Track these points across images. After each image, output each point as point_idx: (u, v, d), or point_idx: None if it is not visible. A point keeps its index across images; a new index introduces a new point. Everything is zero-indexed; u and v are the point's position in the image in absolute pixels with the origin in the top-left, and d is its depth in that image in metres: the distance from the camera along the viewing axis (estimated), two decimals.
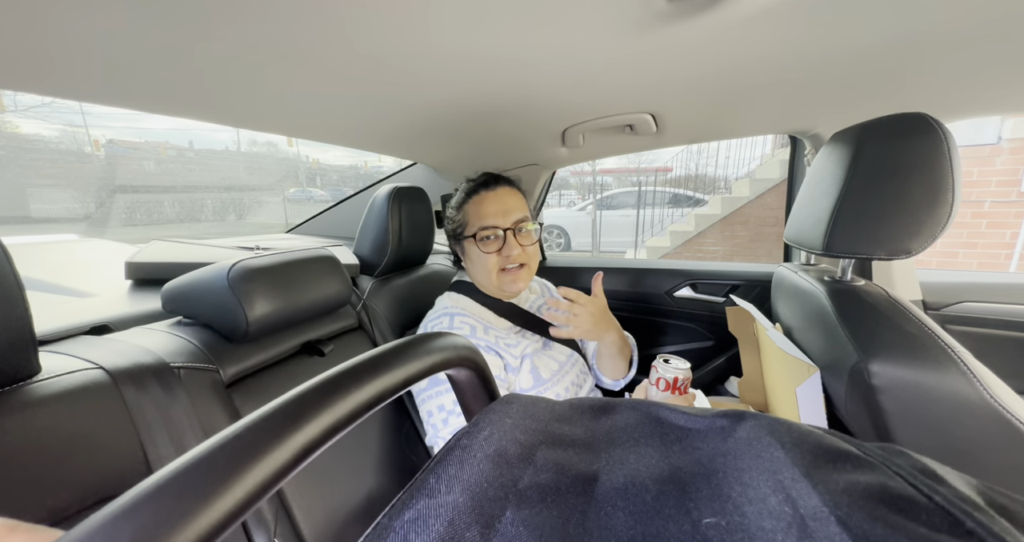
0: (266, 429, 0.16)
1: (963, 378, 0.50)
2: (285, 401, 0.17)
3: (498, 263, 0.77)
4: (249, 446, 0.15)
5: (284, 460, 0.15)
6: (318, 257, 0.70)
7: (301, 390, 0.19)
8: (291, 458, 0.16)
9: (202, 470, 0.14)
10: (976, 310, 1.00)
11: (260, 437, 0.15)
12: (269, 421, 0.16)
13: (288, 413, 0.17)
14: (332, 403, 0.18)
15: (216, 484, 0.13)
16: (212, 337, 0.57)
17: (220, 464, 0.14)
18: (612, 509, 0.18)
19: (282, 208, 9.93)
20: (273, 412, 0.17)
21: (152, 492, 0.13)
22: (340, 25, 0.45)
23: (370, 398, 0.20)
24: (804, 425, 0.22)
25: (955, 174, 0.52)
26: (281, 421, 0.16)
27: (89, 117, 9.06)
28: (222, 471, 0.14)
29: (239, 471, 0.14)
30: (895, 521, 0.14)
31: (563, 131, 0.99)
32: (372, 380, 0.22)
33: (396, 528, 0.15)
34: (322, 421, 0.17)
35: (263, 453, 0.15)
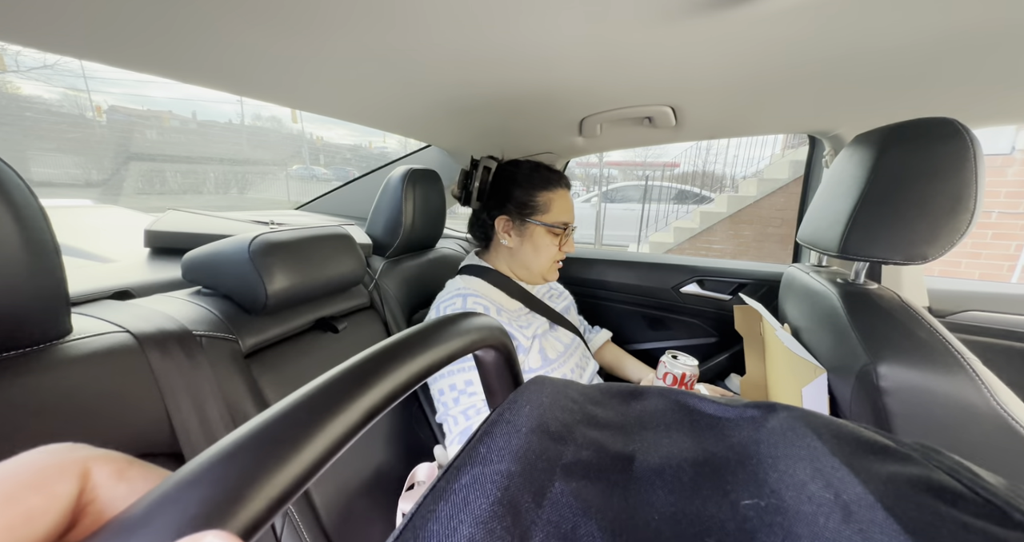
0: (339, 390, 0.17)
1: (971, 384, 0.51)
2: (350, 367, 0.18)
3: (556, 256, 0.84)
4: (325, 405, 0.16)
5: (352, 422, 0.16)
6: (335, 234, 0.70)
7: (363, 357, 0.19)
8: (359, 420, 0.16)
9: (285, 426, 0.15)
10: (981, 319, 1.01)
11: (334, 397, 0.16)
12: (343, 382, 0.17)
13: (355, 378, 0.18)
14: (392, 370, 0.19)
15: (300, 439, 0.14)
16: (231, 308, 0.57)
17: (303, 420, 0.15)
18: (651, 487, 0.19)
19: (285, 184, 9.86)
20: (343, 375, 0.18)
21: (252, 438, 0.14)
22: (368, 5, 0.45)
23: (421, 369, 0.21)
24: (838, 419, 0.22)
25: (979, 182, 0.52)
26: (352, 383, 0.17)
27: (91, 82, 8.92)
28: (304, 427, 0.15)
29: (318, 429, 0.15)
30: (944, 511, 0.15)
31: (581, 120, 0.98)
32: (423, 352, 0.23)
33: (456, 490, 0.16)
34: (383, 387, 0.18)
35: (336, 413, 0.16)
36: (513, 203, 0.82)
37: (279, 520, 0.48)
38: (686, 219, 5.53)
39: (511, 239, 0.83)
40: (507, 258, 0.86)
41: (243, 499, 0.11)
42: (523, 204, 0.81)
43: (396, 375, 0.20)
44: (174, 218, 0.86)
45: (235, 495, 0.11)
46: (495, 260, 0.87)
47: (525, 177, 0.83)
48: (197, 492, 0.11)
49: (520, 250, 0.83)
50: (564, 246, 0.84)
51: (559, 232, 0.82)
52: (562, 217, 0.82)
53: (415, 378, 0.22)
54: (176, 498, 0.11)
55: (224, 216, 0.94)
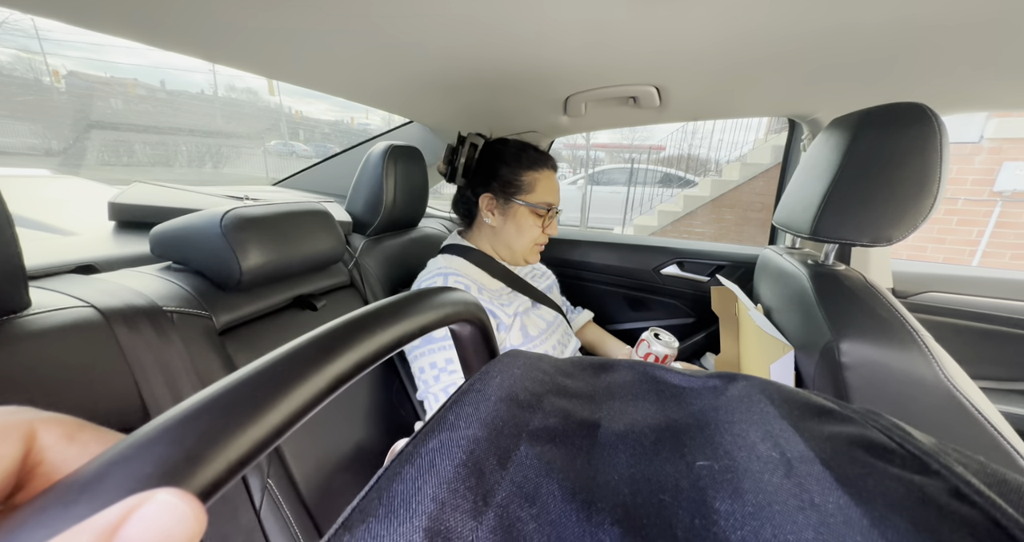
0: (306, 356, 0.17)
1: (923, 359, 0.54)
2: (319, 335, 0.18)
3: (539, 238, 0.84)
4: (291, 370, 0.16)
5: (319, 388, 0.16)
6: (313, 211, 0.69)
7: (332, 326, 0.19)
8: (324, 387, 0.17)
9: (249, 389, 0.15)
10: (940, 300, 1.06)
11: (300, 363, 0.16)
12: (309, 349, 0.17)
13: (323, 346, 0.18)
14: (361, 339, 0.19)
15: (264, 402, 0.14)
16: (204, 284, 0.56)
17: (266, 383, 0.15)
18: (614, 451, 0.20)
19: (263, 161, 9.50)
20: (310, 342, 0.18)
21: (213, 400, 0.14)
22: None
23: (392, 340, 0.21)
24: (793, 387, 0.24)
25: (943, 167, 0.54)
26: (319, 351, 0.17)
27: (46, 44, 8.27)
28: (268, 391, 0.15)
29: (283, 393, 0.15)
30: (873, 463, 0.16)
31: (566, 98, 0.97)
32: (394, 324, 0.23)
33: (422, 454, 0.16)
34: (352, 356, 0.18)
35: (303, 379, 0.16)
36: (498, 181, 0.81)
37: (258, 494, 0.49)
38: (670, 203, 5.58)
39: (494, 218, 0.83)
40: (490, 237, 0.85)
41: (201, 459, 0.11)
42: (508, 183, 0.81)
43: (365, 345, 0.20)
44: (140, 190, 0.82)
45: (193, 455, 0.11)
46: (478, 240, 0.87)
47: (512, 156, 0.83)
48: (153, 451, 0.11)
49: (503, 230, 0.83)
50: (547, 228, 0.84)
51: (543, 213, 0.82)
52: (546, 198, 0.82)
53: (386, 348, 0.22)
54: (130, 457, 0.11)
55: (194, 190, 0.90)
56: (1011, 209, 3.64)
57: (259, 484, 0.49)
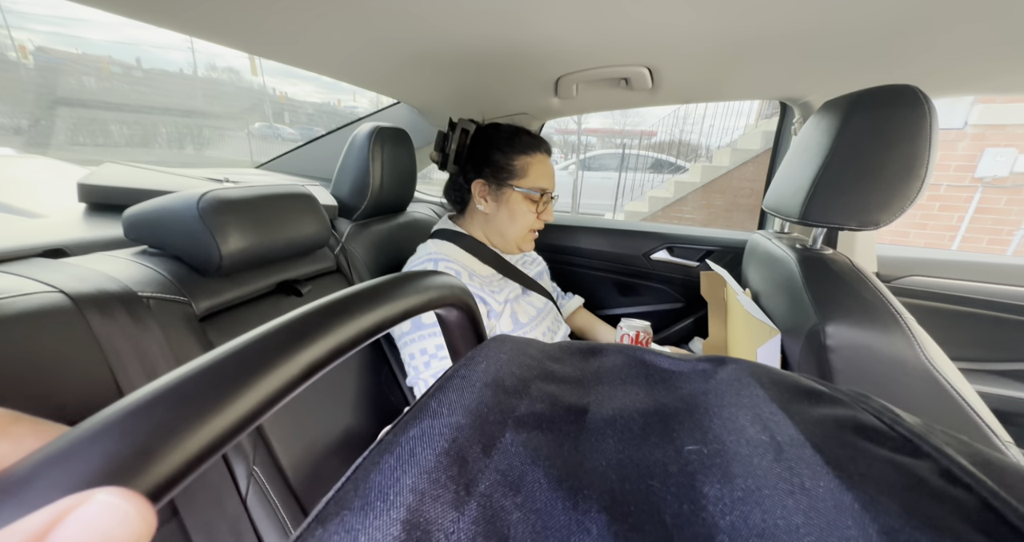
0: (276, 343, 0.16)
1: (905, 341, 0.55)
2: (293, 319, 0.17)
3: (534, 225, 0.82)
4: (259, 357, 0.15)
5: (292, 375, 0.15)
6: (295, 194, 0.67)
7: (309, 309, 0.18)
8: (297, 374, 0.16)
9: (211, 377, 0.14)
10: (923, 284, 1.09)
11: (269, 350, 0.15)
12: (279, 335, 0.16)
13: (297, 331, 0.17)
14: (339, 324, 0.18)
15: (226, 392, 0.13)
16: (182, 269, 0.54)
17: (229, 372, 0.14)
18: (602, 436, 0.19)
19: (247, 143, 9.22)
20: (282, 327, 0.16)
21: (167, 391, 0.13)
22: None
23: (372, 325, 0.20)
24: (782, 370, 0.23)
25: (932, 151, 0.54)
26: (291, 336, 0.16)
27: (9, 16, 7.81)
28: (232, 380, 0.14)
29: (249, 382, 0.14)
30: (864, 446, 0.16)
31: (557, 80, 0.95)
32: (374, 308, 0.22)
33: (402, 442, 0.16)
34: (327, 342, 0.17)
35: (273, 365, 0.15)
36: (491, 167, 0.80)
37: (244, 481, 0.48)
38: (661, 188, 5.58)
39: (487, 204, 0.81)
40: (482, 224, 0.84)
41: (153, 454, 0.10)
42: (500, 168, 0.79)
43: (343, 330, 0.19)
44: (112, 171, 0.79)
45: (144, 449, 0.10)
46: (470, 226, 0.86)
47: (504, 140, 0.80)
48: (96, 446, 0.10)
49: (496, 216, 0.82)
50: (542, 214, 0.82)
51: (537, 199, 0.80)
52: (540, 183, 0.80)
53: (366, 333, 0.21)
54: (69, 453, 0.10)
55: (170, 171, 0.87)
56: (990, 195, 3.72)
57: (244, 471, 0.49)
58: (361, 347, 0.22)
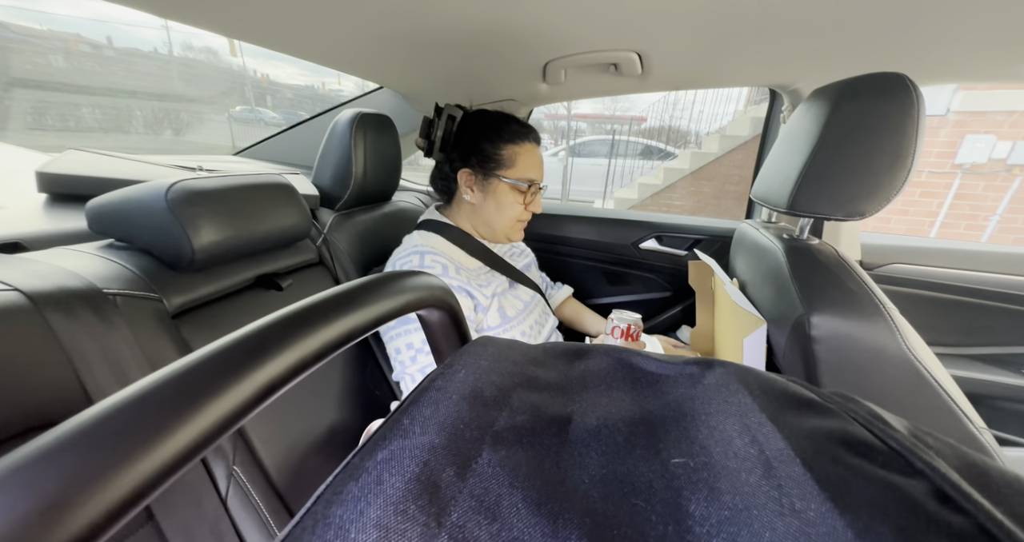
0: (225, 364, 0.14)
1: (888, 331, 0.55)
2: (245, 334, 0.16)
3: (521, 215, 0.80)
4: (204, 382, 0.14)
5: (242, 399, 0.14)
6: (272, 184, 0.64)
7: (263, 323, 0.17)
8: (250, 397, 0.14)
9: (149, 406, 0.12)
10: (904, 271, 1.11)
11: (217, 373, 0.14)
12: (228, 354, 0.15)
13: (248, 348, 0.15)
14: (297, 339, 0.17)
15: (163, 425, 0.12)
16: (152, 264, 0.51)
17: (169, 399, 0.13)
18: (585, 449, 0.18)
19: (227, 128, 8.91)
20: (232, 345, 0.15)
21: (90, 427, 0.11)
22: None
23: (338, 336, 0.19)
24: (770, 374, 0.23)
25: (919, 140, 0.54)
26: (241, 356, 0.15)
27: None
28: (172, 408, 0.13)
29: (192, 409, 0.13)
30: (855, 463, 0.15)
31: (545, 65, 0.92)
32: (341, 317, 0.20)
33: (369, 468, 0.14)
34: (285, 358, 0.16)
35: (220, 390, 0.14)
36: (478, 156, 0.77)
37: (223, 481, 0.47)
38: (650, 175, 5.57)
39: (474, 194, 0.79)
40: (469, 214, 0.82)
41: (65, 508, 0.09)
42: (488, 157, 0.77)
43: (311, 339, 0.18)
44: (75, 159, 0.74)
45: (55, 504, 0.09)
46: (456, 216, 0.84)
47: (492, 128, 0.78)
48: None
49: (483, 207, 0.80)
50: (530, 205, 0.81)
51: (524, 189, 0.78)
52: (528, 173, 0.78)
53: (340, 341, 0.20)
54: None
55: (140, 159, 0.82)
56: (969, 181, 3.79)
57: (224, 471, 0.47)
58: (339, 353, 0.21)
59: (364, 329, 0.22)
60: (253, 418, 0.56)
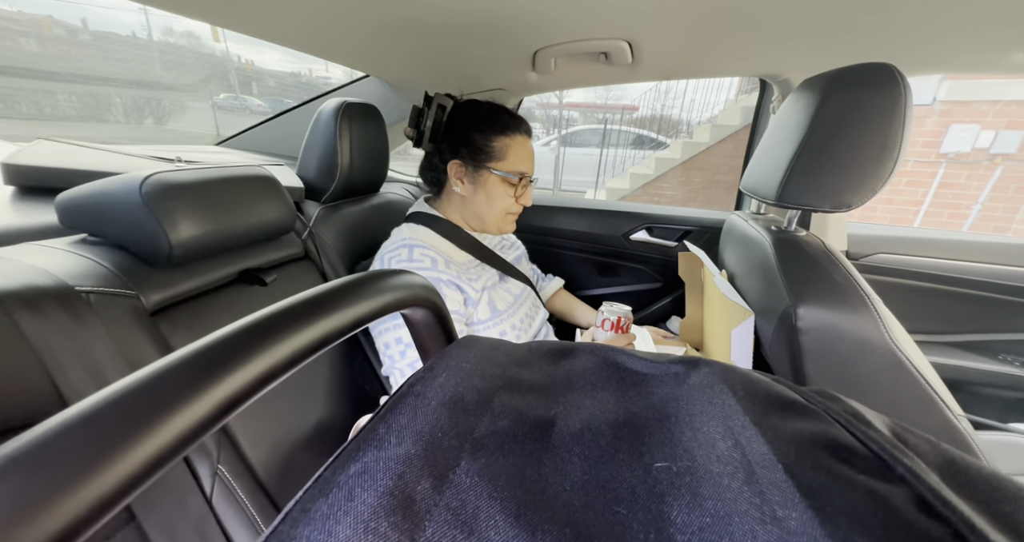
0: (202, 366, 0.14)
1: (872, 322, 0.56)
2: (223, 336, 0.15)
3: (512, 208, 0.79)
4: (181, 385, 0.13)
5: (218, 403, 0.14)
6: (253, 176, 0.62)
7: (241, 325, 0.16)
8: (226, 401, 0.14)
9: (122, 409, 0.12)
10: (888, 261, 1.12)
11: (194, 375, 0.14)
12: (206, 357, 0.14)
13: (226, 350, 0.15)
14: (276, 341, 0.16)
15: (133, 432, 0.12)
16: (128, 259, 0.50)
17: (144, 403, 0.12)
18: (568, 454, 0.18)
19: (212, 116, 8.68)
20: (209, 347, 0.15)
21: (54, 436, 0.11)
22: None
23: (319, 338, 0.18)
24: (755, 373, 0.23)
25: (905, 131, 0.54)
26: (219, 358, 0.14)
27: None
28: (148, 411, 0.12)
29: (168, 413, 0.12)
30: (836, 469, 0.15)
31: (534, 53, 0.90)
32: (322, 318, 0.20)
33: (340, 483, 0.14)
34: (264, 361, 0.15)
35: (196, 393, 0.13)
36: (468, 147, 0.76)
37: (208, 481, 0.47)
38: (642, 165, 5.56)
39: (464, 186, 0.78)
40: (459, 207, 0.81)
41: None
42: (478, 149, 0.75)
43: (289, 342, 0.18)
44: (44, 150, 0.71)
45: None
46: (446, 208, 0.82)
47: (483, 119, 0.76)
48: None
49: (473, 199, 0.79)
50: (521, 198, 0.80)
51: (515, 182, 0.77)
52: (519, 166, 0.77)
53: (318, 344, 0.20)
54: None
55: (114, 149, 0.79)
56: (953, 170, 3.84)
57: (208, 470, 0.47)
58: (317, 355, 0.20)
59: (346, 330, 0.22)
60: (238, 416, 0.55)
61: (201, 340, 0.16)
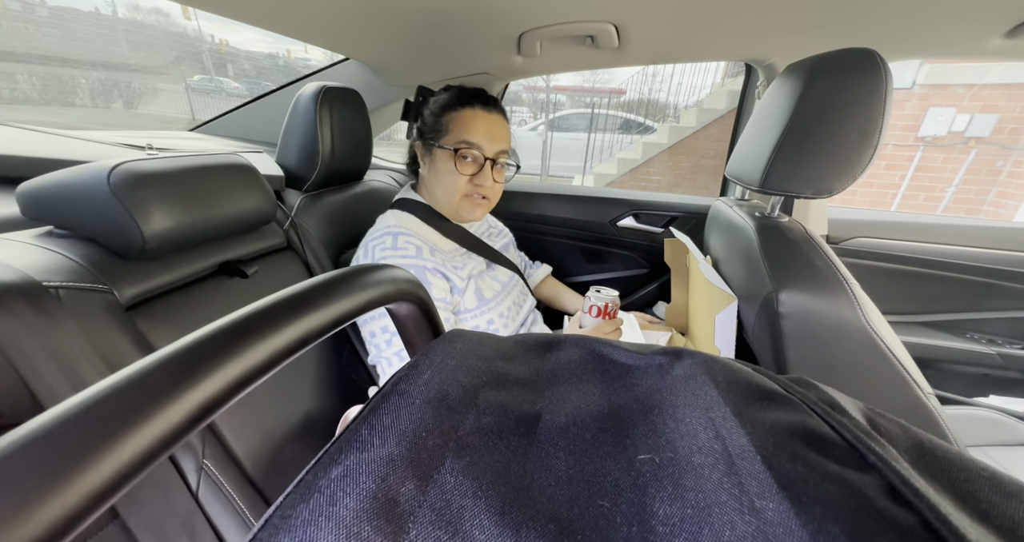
0: (174, 372, 0.14)
1: (849, 306, 0.58)
2: (194, 341, 0.15)
3: (466, 188, 0.74)
4: (154, 391, 0.13)
5: (195, 407, 0.13)
6: (229, 165, 0.60)
7: (211, 331, 0.16)
8: (203, 405, 0.14)
9: (93, 418, 0.12)
10: (866, 245, 1.15)
11: (166, 381, 0.13)
12: (176, 362, 0.14)
13: (198, 355, 0.15)
14: (251, 345, 0.16)
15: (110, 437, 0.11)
16: (99, 253, 0.48)
17: (115, 413, 0.12)
18: (553, 449, 0.18)
19: (186, 99, 8.31)
20: (181, 352, 0.14)
21: (26, 444, 0.11)
22: None
23: (296, 339, 0.18)
24: (737, 363, 0.23)
25: (886, 115, 0.54)
26: (190, 364, 0.14)
27: None
28: (117, 424, 0.12)
29: (137, 422, 0.12)
30: (812, 459, 0.15)
31: (519, 36, 0.88)
32: (299, 318, 0.19)
33: (321, 487, 0.14)
34: (238, 366, 0.15)
35: (170, 400, 0.13)
36: (424, 127, 0.76)
37: (193, 476, 0.46)
38: (629, 150, 5.54)
39: (423, 166, 0.78)
40: (427, 189, 0.80)
41: None
42: (430, 127, 0.75)
43: (265, 344, 0.17)
44: (2, 136, 0.68)
45: None
46: (425, 194, 0.81)
47: (437, 98, 0.76)
48: None
49: (428, 178, 0.78)
50: (476, 178, 0.73)
51: (465, 153, 0.72)
52: (465, 136, 0.71)
53: (298, 343, 0.19)
54: None
55: (79, 135, 0.76)
56: (930, 153, 3.92)
57: (194, 466, 0.46)
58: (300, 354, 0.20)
59: (328, 328, 0.21)
60: (222, 411, 0.55)
61: (177, 342, 0.15)
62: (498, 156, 0.75)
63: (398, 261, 0.69)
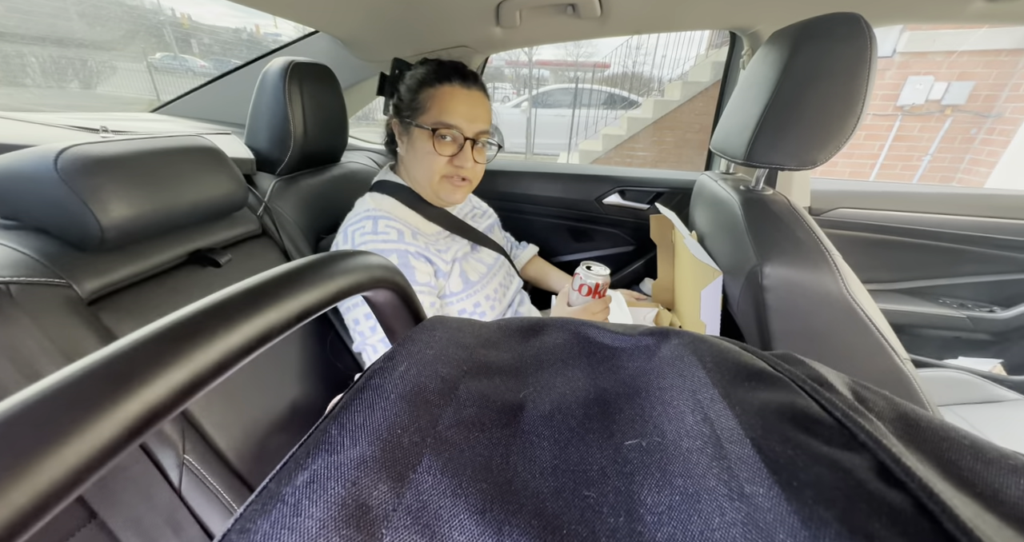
0: (134, 361, 0.13)
1: (831, 277, 0.58)
2: (150, 334, 0.14)
3: (445, 169, 0.71)
4: (121, 378, 0.13)
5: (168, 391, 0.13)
6: (191, 147, 0.56)
7: (178, 317, 0.15)
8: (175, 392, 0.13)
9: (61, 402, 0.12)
10: (848, 215, 1.17)
11: (122, 373, 0.13)
12: (142, 349, 0.13)
13: (164, 346, 0.14)
14: (219, 334, 0.15)
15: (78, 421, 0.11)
16: (52, 245, 0.45)
17: (85, 396, 0.12)
18: (537, 439, 0.18)
19: (148, 78, 7.85)
20: (145, 340, 0.14)
21: None
22: None
23: (259, 332, 0.17)
24: (724, 342, 0.22)
25: (869, 85, 0.54)
26: (157, 354, 0.13)
27: None
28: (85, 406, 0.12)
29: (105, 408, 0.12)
30: (802, 441, 0.15)
31: (498, 5, 0.84)
32: (262, 309, 0.18)
33: (285, 496, 0.13)
34: (208, 354, 0.14)
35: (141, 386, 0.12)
36: (400, 104, 0.73)
37: (175, 472, 0.45)
38: (614, 126, 5.47)
39: (401, 145, 0.75)
40: (407, 170, 0.77)
41: None
42: (407, 105, 0.71)
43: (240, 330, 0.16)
44: None
45: None
46: (404, 175, 0.78)
47: (413, 72, 0.72)
48: None
49: (406, 158, 0.75)
50: (456, 159, 0.71)
51: (444, 132, 0.69)
52: (441, 116, 0.69)
53: (274, 330, 0.18)
54: None
55: (22, 117, 0.70)
56: (907, 123, 3.95)
57: (174, 462, 0.45)
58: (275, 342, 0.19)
59: (297, 319, 0.20)
60: (202, 403, 0.53)
61: (137, 331, 0.15)
62: (478, 136, 0.72)
63: (379, 246, 0.67)
